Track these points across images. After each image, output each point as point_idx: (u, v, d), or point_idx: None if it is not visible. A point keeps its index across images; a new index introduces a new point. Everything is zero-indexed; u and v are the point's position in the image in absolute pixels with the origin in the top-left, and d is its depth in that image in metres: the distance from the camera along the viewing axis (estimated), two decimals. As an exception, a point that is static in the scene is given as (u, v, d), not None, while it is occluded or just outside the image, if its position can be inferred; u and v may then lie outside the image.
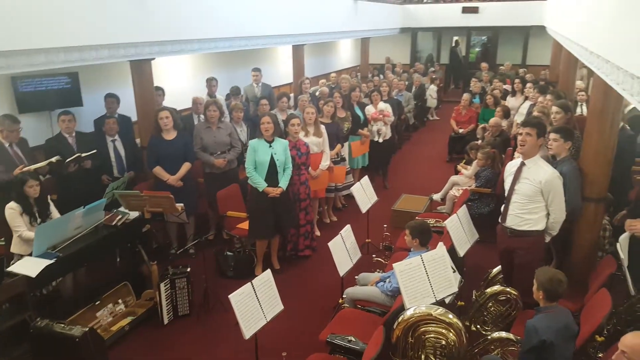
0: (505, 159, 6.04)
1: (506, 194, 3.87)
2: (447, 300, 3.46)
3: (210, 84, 7.22)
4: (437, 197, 6.58)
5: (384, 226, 5.69)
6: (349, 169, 6.74)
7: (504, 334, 3.38)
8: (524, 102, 8.04)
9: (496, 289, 3.87)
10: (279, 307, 3.52)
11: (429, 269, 3.37)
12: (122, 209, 4.63)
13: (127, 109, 6.00)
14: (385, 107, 7.47)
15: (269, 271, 3.55)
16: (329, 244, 4.04)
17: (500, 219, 3.95)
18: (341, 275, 4.10)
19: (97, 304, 4.27)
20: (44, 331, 3.45)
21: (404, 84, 10.67)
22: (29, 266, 3.67)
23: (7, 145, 4.64)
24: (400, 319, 3.13)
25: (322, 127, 5.84)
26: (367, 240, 5.63)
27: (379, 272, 4.47)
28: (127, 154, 5.60)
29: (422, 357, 3.15)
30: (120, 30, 4.68)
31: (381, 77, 12.22)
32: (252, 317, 3.27)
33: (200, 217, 5.89)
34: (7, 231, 4.13)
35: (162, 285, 4.29)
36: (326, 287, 4.88)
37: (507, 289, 3.80)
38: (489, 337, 3.42)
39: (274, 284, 3.51)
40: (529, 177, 3.68)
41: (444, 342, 3.09)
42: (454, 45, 16.76)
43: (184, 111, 7.12)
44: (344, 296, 4.10)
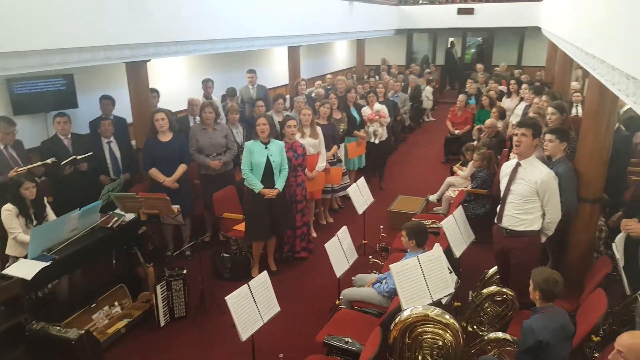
0: (500, 160, 6.04)
1: (502, 195, 3.88)
2: (443, 301, 3.46)
3: (206, 85, 7.19)
4: (433, 198, 6.60)
5: (381, 227, 5.69)
6: (345, 170, 6.74)
7: (500, 335, 3.39)
8: (520, 103, 8.05)
9: (492, 289, 3.87)
10: (276, 308, 3.51)
11: (425, 270, 3.38)
12: (118, 211, 4.61)
13: (122, 110, 5.98)
14: (381, 108, 7.47)
15: (265, 273, 3.54)
16: (325, 245, 4.04)
17: (496, 219, 3.96)
18: (338, 276, 4.09)
19: (93, 306, 4.25)
20: (39, 334, 3.43)
21: (400, 85, 10.68)
22: (25, 268, 3.65)
23: (2, 147, 4.62)
24: (397, 319, 3.13)
25: (318, 129, 5.84)
26: (364, 241, 5.63)
27: (376, 273, 4.47)
28: (122, 155, 5.59)
29: (419, 358, 3.16)
30: (116, 31, 4.68)
31: (377, 78, 12.23)
32: (249, 319, 3.26)
33: (196, 218, 5.88)
34: (1, 233, 4.11)
35: (158, 287, 4.28)
36: (323, 289, 4.88)
37: (504, 290, 3.81)
38: (486, 337, 3.43)
39: (270, 285, 3.51)
40: (524, 177, 3.69)
41: (440, 343, 3.09)
42: (449, 46, 16.82)
43: (179, 113, 7.11)
44: (340, 297, 4.10)
